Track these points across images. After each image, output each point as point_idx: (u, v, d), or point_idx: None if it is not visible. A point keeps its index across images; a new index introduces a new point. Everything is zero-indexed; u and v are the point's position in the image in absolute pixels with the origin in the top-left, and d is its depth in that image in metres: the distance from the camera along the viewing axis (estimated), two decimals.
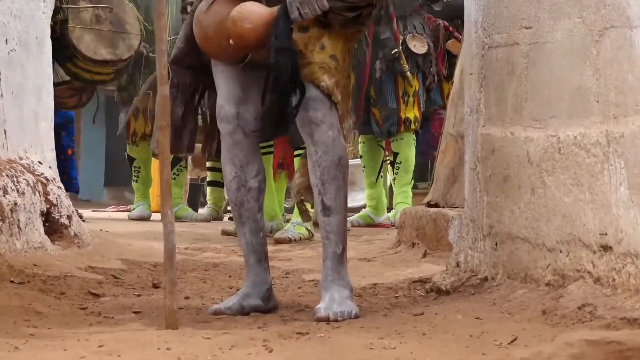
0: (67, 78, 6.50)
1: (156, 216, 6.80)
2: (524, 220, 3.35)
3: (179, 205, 7.34)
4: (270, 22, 3.34)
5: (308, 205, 3.60)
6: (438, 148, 5.11)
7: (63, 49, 6.01)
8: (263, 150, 5.66)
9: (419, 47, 6.54)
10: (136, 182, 7.33)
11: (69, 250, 4.50)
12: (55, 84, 6.50)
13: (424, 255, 4.52)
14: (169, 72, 3.55)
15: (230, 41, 3.37)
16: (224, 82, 3.54)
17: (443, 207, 4.68)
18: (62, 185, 4.84)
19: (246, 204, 3.55)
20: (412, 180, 6.64)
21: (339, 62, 3.43)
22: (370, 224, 6.68)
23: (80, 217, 6.36)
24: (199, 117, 3.71)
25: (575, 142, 3.11)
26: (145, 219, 7.13)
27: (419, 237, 4.72)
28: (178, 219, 7.25)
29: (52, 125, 5.18)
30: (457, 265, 3.74)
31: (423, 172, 8.32)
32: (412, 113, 6.54)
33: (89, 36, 6.17)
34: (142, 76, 7.06)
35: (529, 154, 3.34)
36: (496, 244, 3.52)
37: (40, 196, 4.50)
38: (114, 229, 6.09)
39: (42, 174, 4.68)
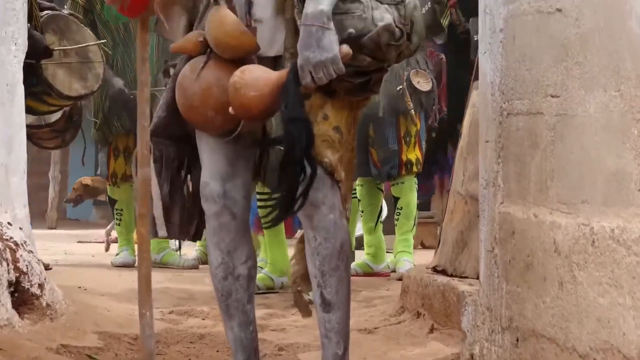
0: (52, 120, 6.08)
1: None
2: (550, 317, 2.94)
3: (166, 249, 6.90)
4: (278, 89, 2.92)
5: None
6: (445, 206, 4.70)
7: (28, 86, 5.57)
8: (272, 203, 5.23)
9: (422, 84, 6.11)
10: (119, 225, 6.91)
11: (40, 325, 4.07)
12: (37, 127, 6.10)
13: (431, 330, 4.10)
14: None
15: (230, 110, 2.96)
16: (209, 156, 3.13)
17: (451, 274, 4.26)
18: (34, 249, 4.42)
19: (234, 294, 3.14)
20: (414, 227, 6.21)
21: (343, 135, 3.02)
22: (369, 272, 6.26)
23: (47, 267, 5.96)
24: None
25: (613, 236, 2.69)
26: (129, 265, 6.70)
27: (425, 307, 4.31)
28: (164, 265, 6.83)
29: (25, 177, 4.76)
30: (472, 357, 3.33)
31: (424, 202, 7.92)
32: (413, 154, 6.11)
33: (61, 71, 5.77)
34: (120, 118, 6.65)
35: (556, 242, 2.92)
36: (517, 340, 3.11)
37: (8, 265, 4.08)
38: (94, 282, 5.68)
39: (11, 237, 4.26)
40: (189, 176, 3.25)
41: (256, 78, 2.95)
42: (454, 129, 6.50)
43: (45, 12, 5.79)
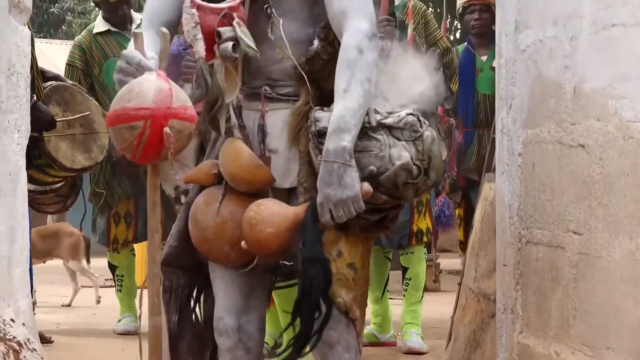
0: (57, 185, 5.99)
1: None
2: None
3: None
4: (295, 226, 2.83)
5: None
6: (456, 303, 4.61)
7: (31, 158, 5.50)
8: (284, 284, 5.11)
9: None
10: (120, 291, 6.80)
11: None
12: (41, 192, 6.01)
13: None
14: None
15: (243, 244, 2.87)
16: (223, 288, 3.04)
17: None
18: (37, 346, 4.33)
19: None
20: (422, 298, 6.11)
21: (357, 272, 2.92)
22: (375, 342, 6.15)
23: (49, 340, 5.88)
24: None
25: None
26: (131, 333, 6.60)
27: None
28: None
29: (28, 266, 4.67)
30: None
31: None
32: (424, 223, 6.00)
33: (64, 144, 5.69)
34: (121, 184, 6.55)
35: None
36: None
37: None
38: (97, 358, 5.58)
39: (14, 337, 4.16)
40: (199, 305, 3.16)
41: (272, 214, 2.86)
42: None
43: (49, 82, 5.70)
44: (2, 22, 4.40)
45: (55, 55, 19.11)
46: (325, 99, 2.96)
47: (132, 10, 6.73)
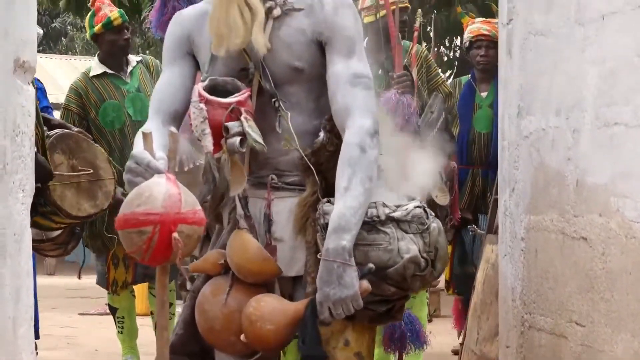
0: (54, 234, 5.99)
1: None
2: None
3: None
4: (294, 322, 2.86)
5: None
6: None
7: (37, 206, 5.51)
8: None
9: (441, 198, 5.97)
10: (121, 333, 6.81)
11: None
12: (39, 241, 6.02)
13: None
14: None
15: (242, 337, 2.90)
16: None
17: None
18: None
19: None
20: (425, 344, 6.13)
21: None
22: None
23: None
24: None
25: None
26: None
27: None
28: None
29: (32, 323, 4.69)
30: None
31: None
32: None
33: (70, 192, 5.70)
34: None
35: None
36: None
37: None
38: None
39: None
40: None
41: (272, 311, 2.88)
42: None
43: (55, 131, 5.71)
44: (7, 83, 4.41)
45: (54, 70, 19.14)
46: (331, 189, 2.98)
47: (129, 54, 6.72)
